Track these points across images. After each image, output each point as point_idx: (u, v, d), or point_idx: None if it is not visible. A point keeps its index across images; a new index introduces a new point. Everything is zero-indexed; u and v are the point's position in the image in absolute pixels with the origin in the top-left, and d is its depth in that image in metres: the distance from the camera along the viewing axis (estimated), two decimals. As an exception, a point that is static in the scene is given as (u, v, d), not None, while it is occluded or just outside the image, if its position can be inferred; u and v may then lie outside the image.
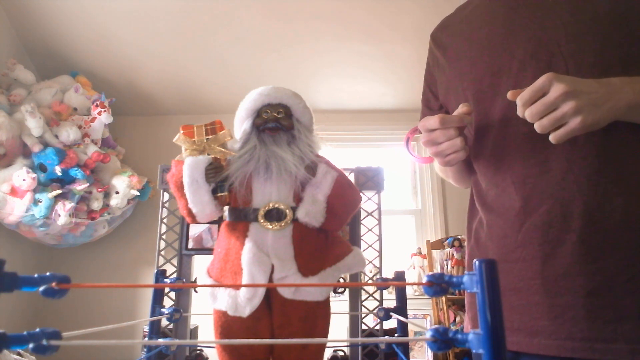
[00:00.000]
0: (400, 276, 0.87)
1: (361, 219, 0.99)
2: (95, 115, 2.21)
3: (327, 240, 0.75)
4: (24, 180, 1.94)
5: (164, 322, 0.87)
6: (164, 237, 0.97)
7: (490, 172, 0.76)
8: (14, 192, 1.96)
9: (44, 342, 0.34)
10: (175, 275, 0.95)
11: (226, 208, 0.78)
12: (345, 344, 0.97)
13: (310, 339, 0.71)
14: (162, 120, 2.80)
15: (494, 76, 0.74)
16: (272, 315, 0.71)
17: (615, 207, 0.63)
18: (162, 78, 2.55)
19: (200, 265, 0.82)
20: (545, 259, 0.66)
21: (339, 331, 0.88)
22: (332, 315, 0.75)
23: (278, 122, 0.75)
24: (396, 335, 0.85)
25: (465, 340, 0.33)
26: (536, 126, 0.61)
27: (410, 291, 2.49)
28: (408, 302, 0.86)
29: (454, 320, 2.32)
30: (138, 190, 2.30)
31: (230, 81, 2.54)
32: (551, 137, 0.61)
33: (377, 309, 0.87)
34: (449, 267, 2.45)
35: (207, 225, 0.98)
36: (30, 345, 0.33)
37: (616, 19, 0.67)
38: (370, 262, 0.95)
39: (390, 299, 1.00)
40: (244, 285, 0.68)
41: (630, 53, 0.66)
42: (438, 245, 2.56)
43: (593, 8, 0.68)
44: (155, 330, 0.84)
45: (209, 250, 0.95)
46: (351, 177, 0.95)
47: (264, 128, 0.75)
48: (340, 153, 2.89)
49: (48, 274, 0.35)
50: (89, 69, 2.46)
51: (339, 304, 0.94)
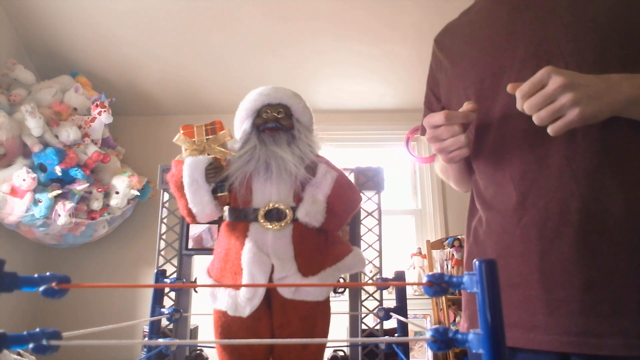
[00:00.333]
0: (400, 276, 0.87)
1: (361, 219, 0.99)
2: (95, 115, 2.21)
3: (327, 240, 0.75)
4: (24, 180, 1.93)
5: (164, 322, 0.87)
6: (164, 237, 0.97)
7: (489, 170, 0.77)
8: (14, 192, 1.96)
9: (44, 342, 0.34)
10: (175, 275, 0.95)
11: (226, 208, 0.78)
12: (345, 344, 0.97)
13: (310, 339, 0.71)
14: (162, 120, 2.80)
15: (495, 76, 0.75)
16: (272, 315, 0.71)
17: (614, 202, 0.63)
18: (162, 78, 2.55)
19: (200, 265, 0.82)
20: (543, 253, 0.66)
21: (339, 331, 0.88)
22: (332, 315, 0.75)
23: (278, 122, 0.75)
24: (396, 335, 0.85)
25: (465, 340, 0.33)
26: (534, 118, 0.61)
27: (410, 291, 2.49)
28: (408, 302, 0.86)
29: (454, 320, 2.32)
30: (138, 190, 2.30)
31: (230, 81, 2.54)
32: (549, 129, 0.61)
33: (377, 309, 0.87)
34: (449, 267, 2.45)
35: (207, 225, 0.98)
36: (30, 345, 0.33)
37: (616, 19, 0.67)
38: (370, 262, 0.95)
39: (390, 299, 1.00)
40: (244, 285, 0.68)
41: (630, 53, 0.66)
42: (438, 245, 2.56)
43: (593, 8, 0.68)
44: (155, 330, 0.84)
45: (209, 250, 0.95)
46: (351, 177, 0.95)
47: (264, 128, 0.75)
48: (340, 153, 2.89)
49: (48, 274, 0.35)
50: (89, 69, 2.46)
51: (339, 304, 0.94)
